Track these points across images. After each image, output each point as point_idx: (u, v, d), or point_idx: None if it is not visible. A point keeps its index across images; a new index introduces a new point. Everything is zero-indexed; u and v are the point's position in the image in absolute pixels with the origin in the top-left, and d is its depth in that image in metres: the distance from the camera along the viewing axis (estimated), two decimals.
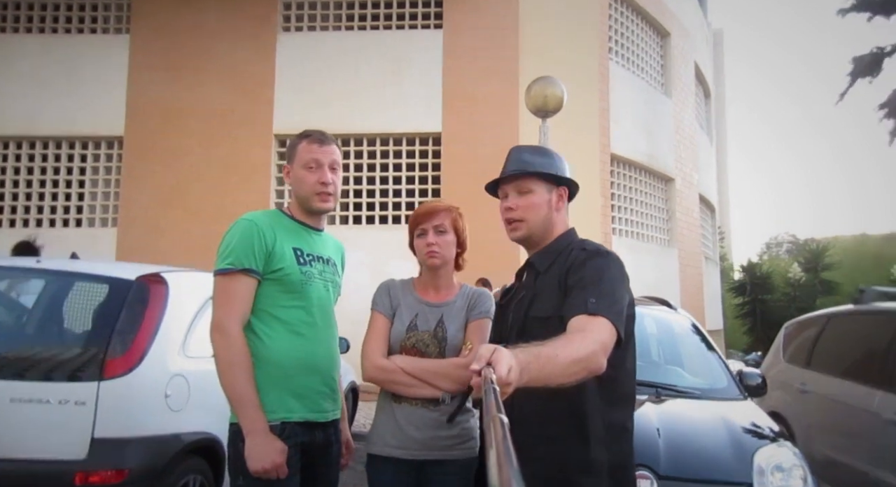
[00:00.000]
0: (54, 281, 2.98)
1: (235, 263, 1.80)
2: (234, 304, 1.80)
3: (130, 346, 2.60)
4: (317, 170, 1.93)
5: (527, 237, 1.77)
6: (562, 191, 1.77)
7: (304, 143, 1.96)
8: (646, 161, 10.32)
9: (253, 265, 1.81)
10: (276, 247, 1.85)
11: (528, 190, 1.74)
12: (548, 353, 1.28)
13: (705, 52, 14.39)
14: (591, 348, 1.37)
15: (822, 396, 4.64)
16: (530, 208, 1.73)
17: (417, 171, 8.62)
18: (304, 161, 1.94)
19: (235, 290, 1.81)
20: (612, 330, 1.46)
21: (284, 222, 1.96)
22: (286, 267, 1.85)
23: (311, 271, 1.92)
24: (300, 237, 1.95)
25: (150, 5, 9.02)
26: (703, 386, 3.33)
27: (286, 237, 1.90)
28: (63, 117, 8.87)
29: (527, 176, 1.74)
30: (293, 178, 1.97)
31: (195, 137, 8.66)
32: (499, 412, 0.86)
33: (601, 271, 1.59)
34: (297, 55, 8.80)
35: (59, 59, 9.00)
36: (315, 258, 1.96)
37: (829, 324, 5.11)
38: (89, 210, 8.97)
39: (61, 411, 2.43)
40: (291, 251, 1.89)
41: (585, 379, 1.37)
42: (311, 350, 1.89)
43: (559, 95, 6.05)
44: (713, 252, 14.59)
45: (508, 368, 1.12)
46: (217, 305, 1.83)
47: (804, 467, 2.60)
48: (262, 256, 1.83)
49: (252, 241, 1.82)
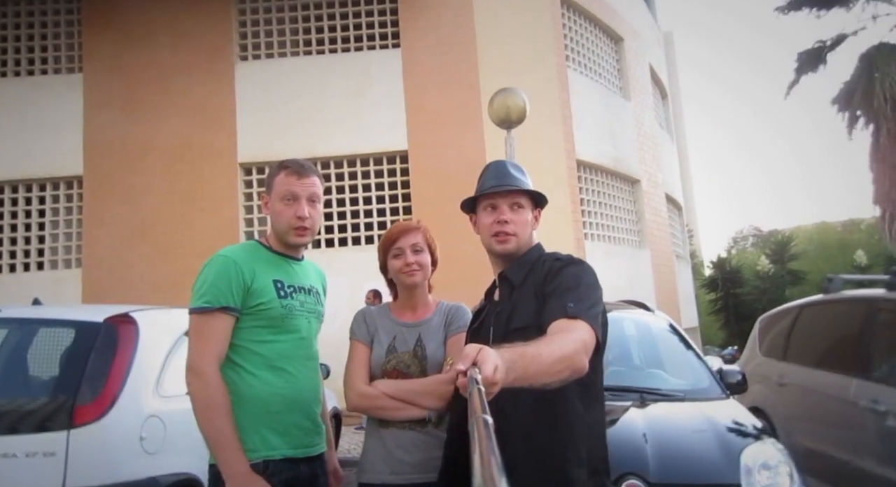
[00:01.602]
0: (17, 329, 2.87)
1: (212, 301, 1.75)
2: (209, 344, 1.74)
3: (101, 391, 2.51)
4: (293, 203, 1.88)
5: (514, 251, 1.80)
6: (538, 212, 1.85)
7: (281, 175, 1.90)
8: (611, 164, 10.47)
9: (230, 302, 1.76)
10: (255, 283, 1.80)
11: (521, 205, 1.80)
12: (532, 352, 1.29)
13: (658, 55, 14.75)
14: (573, 347, 1.39)
15: (800, 388, 4.70)
16: (522, 223, 1.79)
17: (387, 190, 8.61)
18: (280, 193, 1.89)
19: (211, 329, 1.75)
20: (591, 331, 1.49)
21: (263, 255, 1.91)
22: (266, 301, 1.81)
23: (292, 304, 1.87)
24: (280, 268, 1.90)
25: (101, 43, 8.89)
26: (685, 388, 3.35)
27: (265, 270, 1.85)
28: (19, 160, 8.65)
29: (520, 192, 1.80)
30: (271, 210, 1.92)
31: (157, 173, 8.52)
32: (484, 412, 0.85)
33: (577, 278, 1.63)
34: (256, 83, 8.75)
35: (11, 102, 8.80)
36: (297, 289, 1.91)
37: (801, 315, 5.20)
38: (51, 252, 8.74)
39: (29, 464, 2.32)
40: (272, 284, 1.84)
41: (570, 378, 1.38)
42: (293, 385, 1.84)
43: (521, 105, 6.10)
44: (684, 250, 14.84)
45: (494, 367, 1.13)
46: (192, 345, 1.76)
47: (790, 463, 2.62)
48: (240, 293, 1.78)
49: (229, 278, 1.77)
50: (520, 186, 1.81)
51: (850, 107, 13.22)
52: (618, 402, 2.95)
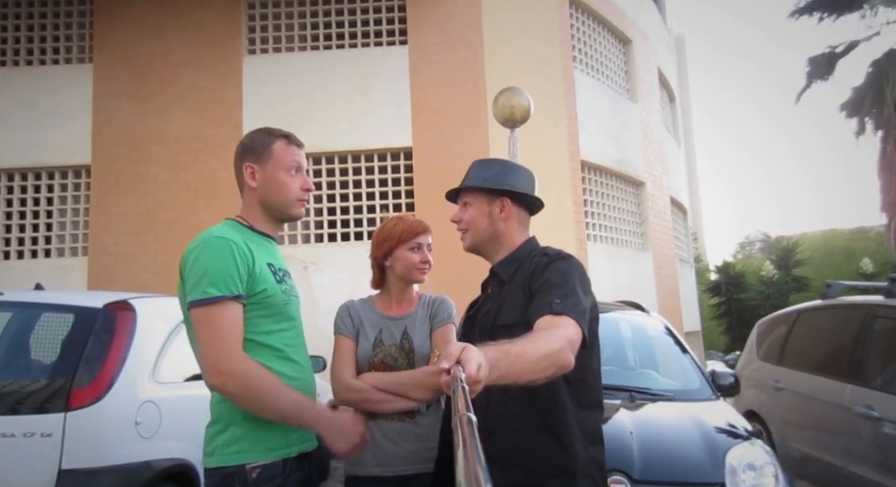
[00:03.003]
0: (19, 313, 2.93)
1: (221, 289, 1.54)
2: (229, 337, 1.54)
3: (98, 375, 2.56)
4: (298, 174, 1.75)
5: (474, 247, 1.84)
6: (503, 203, 1.79)
7: (281, 143, 1.75)
8: (616, 166, 10.47)
9: (240, 289, 1.57)
10: (255, 267, 1.62)
11: (468, 202, 1.83)
12: (517, 350, 1.29)
13: (667, 57, 14.70)
14: (558, 344, 1.38)
15: (795, 392, 4.70)
16: (469, 220, 1.82)
17: (390, 186, 8.64)
18: (284, 163, 1.73)
19: (226, 320, 1.54)
20: (577, 328, 1.48)
21: (249, 235, 1.71)
22: (269, 287, 1.64)
23: (287, 289, 1.72)
24: (267, 251, 1.73)
25: (113, 34, 8.94)
26: (676, 388, 3.37)
27: (259, 253, 1.67)
28: (28, 148, 8.72)
29: (468, 190, 1.83)
30: (266, 181, 1.72)
31: (163, 163, 8.58)
32: (467, 410, 0.86)
33: (564, 273, 1.62)
34: (263, 78, 8.79)
35: (20, 91, 8.86)
36: (286, 273, 1.77)
37: (798, 320, 5.21)
38: (58, 240, 8.81)
39: (27, 444, 2.38)
40: (267, 268, 1.67)
41: (555, 375, 1.38)
42: (303, 375, 1.72)
43: (525, 105, 6.13)
44: (687, 254, 14.80)
45: (478, 366, 1.13)
46: (209, 343, 1.53)
47: (775, 464, 2.64)
48: (245, 278, 1.59)
49: (234, 262, 1.58)
50: (463, 186, 1.85)
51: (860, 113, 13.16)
52: (607, 401, 2.97)
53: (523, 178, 1.85)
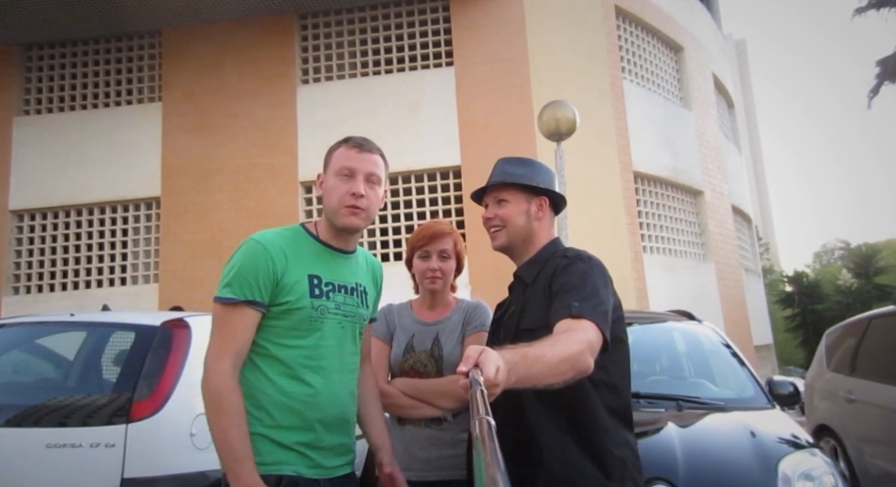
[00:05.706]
0: (88, 333, 3.15)
1: (237, 293, 1.55)
2: (227, 341, 1.55)
3: (156, 389, 2.70)
4: (349, 179, 1.64)
5: (507, 245, 1.80)
6: (541, 201, 1.79)
7: (341, 149, 1.68)
8: (671, 175, 10.23)
9: (256, 296, 1.55)
10: (285, 277, 1.58)
11: (504, 199, 1.78)
12: (535, 353, 1.28)
13: (724, 63, 14.31)
14: (577, 347, 1.37)
15: (871, 404, 4.42)
16: (507, 217, 1.77)
17: (440, 205, 8.75)
18: (336, 168, 1.66)
19: (232, 324, 1.56)
20: (597, 331, 1.46)
21: (304, 243, 1.67)
22: (295, 300, 1.58)
23: (326, 305, 1.62)
24: (321, 261, 1.66)
25: (178, 73, 9.54)
26: (727, 397, 3.23)
27: (302, 262, 1.62)
28: (104, 184, 9.36)
29: (504, 186, 1.79)
30: (324, 189, 1.68)
31: (225, 192, 9.02)
32: (486, 414, 0.85)
33: (583, 275, 1.61)
34: (315, 105, 9.14)
35: (98, 132, 9.54)
36: (336, 287, 1.66)
37: (870, 328, 4.91)
38: (132, 268, 9.37)
39: (92, 454, 2.54)
40: (306, 279, 1.61)
41: (574, 379, 1.36)
42: (313, 399, 1.60)
43: (571, 118, 6.12)
44: (754, 263, 14.19)
45: (496, 369, 1.13)
46: (211, 340, 1.59)
47: (836, 475, 2.47)
48: (268, 286, 1.56)
49: (257, 268, 1.55)
50: (502, 180, 1.79)
51: None
52: (653, 409, 2.90)
53: (553, 178, 1.85)
